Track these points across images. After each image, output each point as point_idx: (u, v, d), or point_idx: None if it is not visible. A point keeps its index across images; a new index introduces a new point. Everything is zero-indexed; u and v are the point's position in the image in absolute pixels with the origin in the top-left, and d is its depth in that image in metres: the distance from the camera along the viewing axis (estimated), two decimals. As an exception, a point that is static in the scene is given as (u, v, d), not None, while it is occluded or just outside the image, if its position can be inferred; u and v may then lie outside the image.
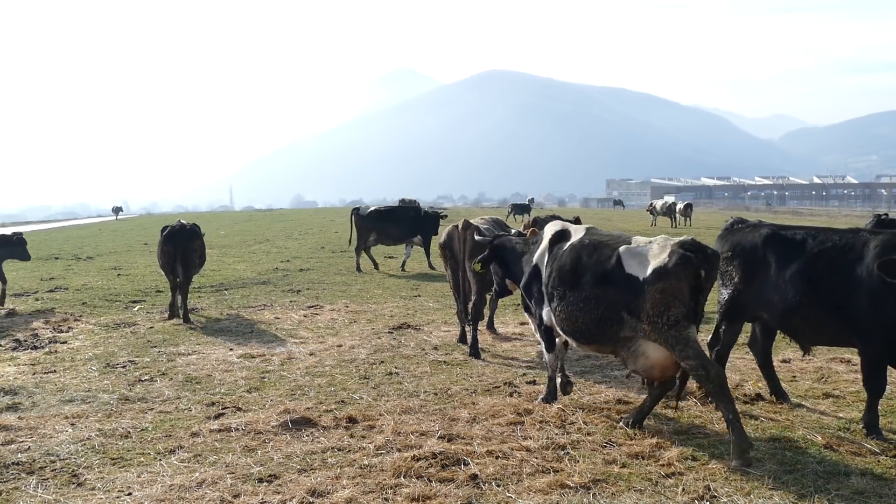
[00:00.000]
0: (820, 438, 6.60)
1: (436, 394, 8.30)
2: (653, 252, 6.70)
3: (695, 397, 7.87)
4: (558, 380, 7.95)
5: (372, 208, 22.31)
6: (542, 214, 19.44)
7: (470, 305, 10.50)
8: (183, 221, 14.18)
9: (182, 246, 13.36)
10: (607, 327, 6.93)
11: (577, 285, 7.15)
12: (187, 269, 13.41)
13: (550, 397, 7.94)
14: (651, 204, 50.18)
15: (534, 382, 8.71)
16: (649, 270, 6.58)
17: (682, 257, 6.47)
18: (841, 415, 7.35)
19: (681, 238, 6.77)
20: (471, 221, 10.68)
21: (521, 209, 53.84)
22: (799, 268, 7.09)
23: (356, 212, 21.65)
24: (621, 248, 6.94)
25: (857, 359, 9.48)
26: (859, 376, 8.61)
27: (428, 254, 21.64)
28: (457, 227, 10.73)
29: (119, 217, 72.04)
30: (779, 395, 7.91)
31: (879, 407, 6.93)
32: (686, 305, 6.49)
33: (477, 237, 9.90)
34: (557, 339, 7.76)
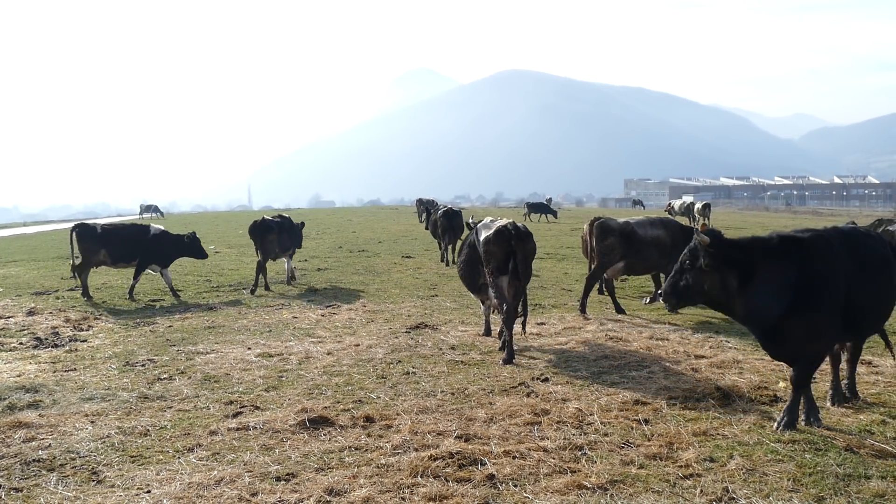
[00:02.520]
0: (840, 440, 6.54)
1: (453, 394, 8.30)
2: (491, 227, 10.14)
3: (713, 399, 7.82)
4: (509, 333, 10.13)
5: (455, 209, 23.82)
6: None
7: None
8: (266, 217, 18.08)
9: (259, 236, 17.30)
10: (475, 276, 10.58)
11: (462, 251, 11.09)
12: (264, 252, 17.27)
13: (486, 329, 11.51)
14: (669, 204, 49.86)
15: (548, 380, 8.70)
16: (483, 237, 10.09)
17: (498, 232, 10.00)
18: (861, 416, 7.27)
19: (506, 221, 10.26)
20: (603, 216, 13.56)
21: (537, 208, 51.45)
22: None
23: (453, 211, 22.71)
24: (479, 224, 10.67)
25: (878, 360, 9.44)
26: (881, 378, 8.60)
27: (454, 251, 22.43)
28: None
29: (145, 216, 71.33)
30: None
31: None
32: (500, 262, 9.96)
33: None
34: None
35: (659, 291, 10.49)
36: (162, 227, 17.14)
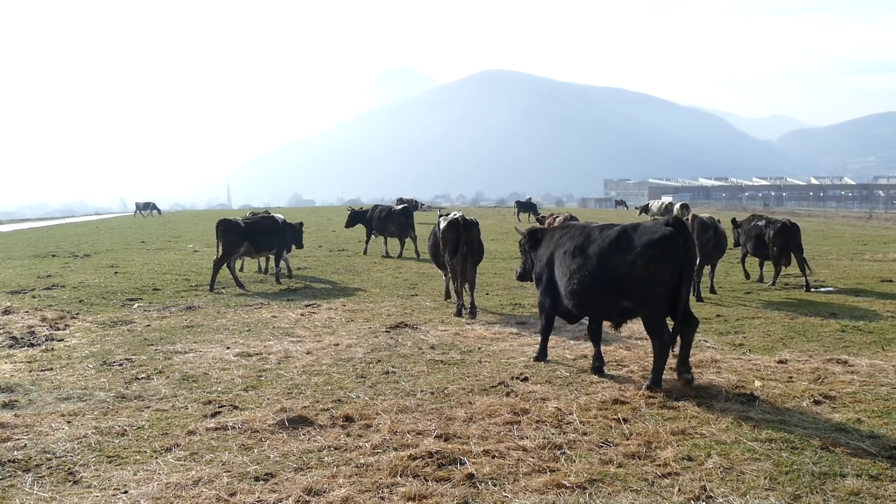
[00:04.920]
0: (816, 439, 6.60)
1: (432, 393, 8.30)
2: (445, 220, 13.51)
3: (691, 398, 7.87)
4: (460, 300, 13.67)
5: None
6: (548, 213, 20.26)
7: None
8: (277, 214, 19.65)
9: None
10: (438, 256, 14.26)
11: (430, 238, 14.98)
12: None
13: (447, 295, 15.20)
14: (646, 204, 50.23)
15: (527, 380, 8.72)
16: (441, 227, 13.51)
17: (450, 223, 13.36)
18: (837, 416, 7.35)
19: (458, 214, 13.61)
20: (696, 214, 16.09)
21: (525, 207, 53.85)
22: None
23: (409, 210, 25.57)
24: (440, 217, 13.97)
25: (854, 360, 9.54)
26: (856, 377, 8.69)
27: (404, 243, 25.99)
28: (688, 217, 16.24)
29: (144, 213, 70.61)
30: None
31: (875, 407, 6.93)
32: (452, 245, 13.28)
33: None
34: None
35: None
36: (282, 217, 18.93)
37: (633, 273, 8.09)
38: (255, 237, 17.53)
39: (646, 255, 8.01)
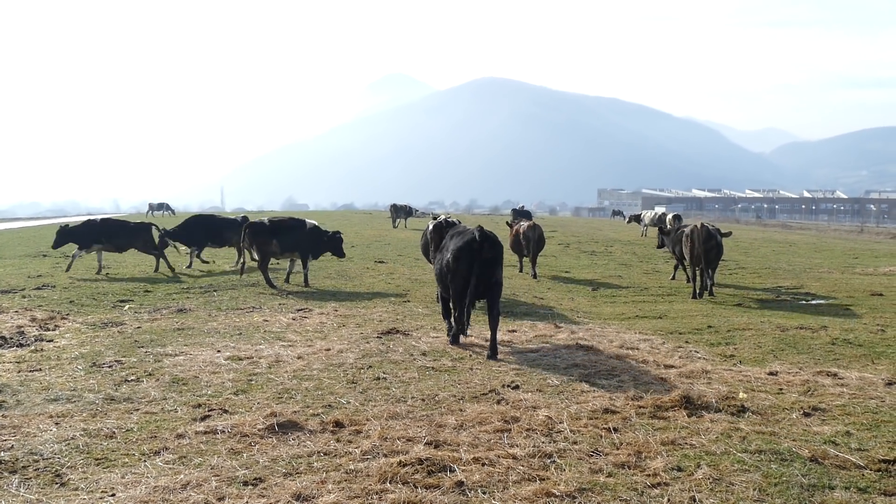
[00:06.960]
0: (806, 451, 6.61)
1: (423, 400, 8.29)
2: (433, 223, 15.60)
3: (681, 408, 7.88)
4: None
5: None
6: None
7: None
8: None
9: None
10: (428, 253, 15.86)
11: (422, 238, 16.58)
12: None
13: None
14: (639, 214, 50.42)
15: (518, 388, 8.71)
16: (429, 230, 15.50)
17: (435, 225, 15.26)
18: (826, 428, 7.36)
19: (442, 217, 15.72)
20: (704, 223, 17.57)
21: (522, 215, 53.96)
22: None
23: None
24: (430, 222, 15.90)
25: (843, 372, 9.56)
26: (846, 390, 8.72)
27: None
28: (696, 226, 17.43)
29: (155, 214, 70.02)
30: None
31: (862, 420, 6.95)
32: (436, 244, 14.10)
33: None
34: None
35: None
36: (315, 222, 19.51)
37: (447, 266, 11.05)
38: (282, 237, 18.22)
39: (453, 254, 10.88)
